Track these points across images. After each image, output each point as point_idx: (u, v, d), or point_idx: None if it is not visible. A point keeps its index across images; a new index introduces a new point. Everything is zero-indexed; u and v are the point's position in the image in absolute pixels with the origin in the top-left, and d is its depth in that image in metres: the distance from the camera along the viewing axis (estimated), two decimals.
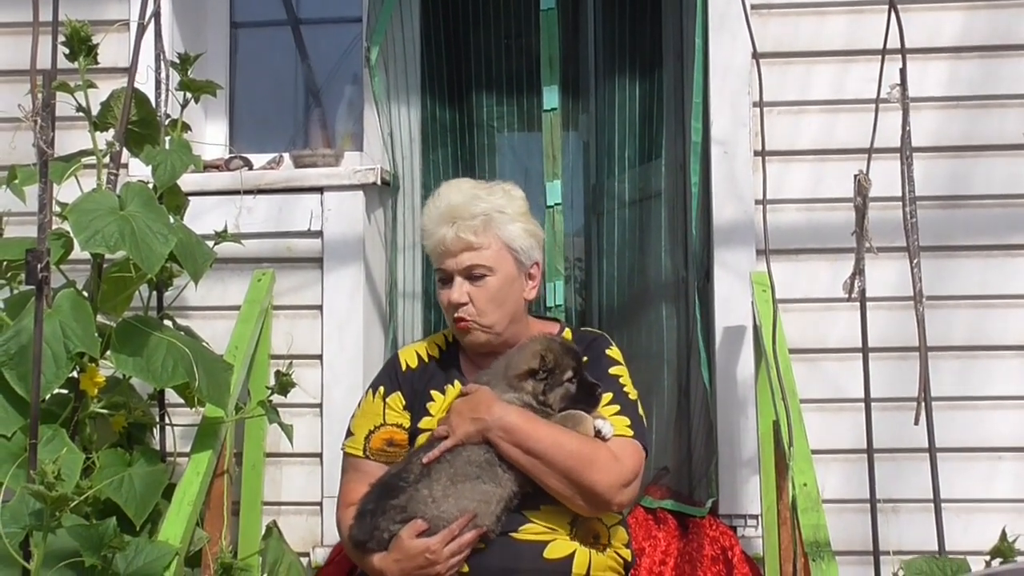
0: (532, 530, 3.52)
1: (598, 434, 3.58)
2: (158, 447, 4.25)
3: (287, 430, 4.26)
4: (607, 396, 3.70)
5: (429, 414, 3.76)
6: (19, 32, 4.10)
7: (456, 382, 3.82)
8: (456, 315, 3.78)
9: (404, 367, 3.92)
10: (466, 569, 3.50)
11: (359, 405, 3.95)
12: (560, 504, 3.55)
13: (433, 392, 3.82)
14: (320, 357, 5.06)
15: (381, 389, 3.88)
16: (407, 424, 3.80)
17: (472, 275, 3.75)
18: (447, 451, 3.54)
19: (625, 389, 3.77)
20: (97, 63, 3.93)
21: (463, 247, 3.74)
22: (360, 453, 3.81)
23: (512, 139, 5.74)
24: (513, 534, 3.51)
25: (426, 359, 3.95)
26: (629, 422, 3.66)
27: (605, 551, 3.60)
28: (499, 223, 3.78)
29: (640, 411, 3.75)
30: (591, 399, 3.65)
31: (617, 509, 3.62)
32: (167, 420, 4.31)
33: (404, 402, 3.83)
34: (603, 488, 3.49)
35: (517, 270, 3.82)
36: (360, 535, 3.59)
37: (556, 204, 5.01)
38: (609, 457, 3.53)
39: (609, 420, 3.63)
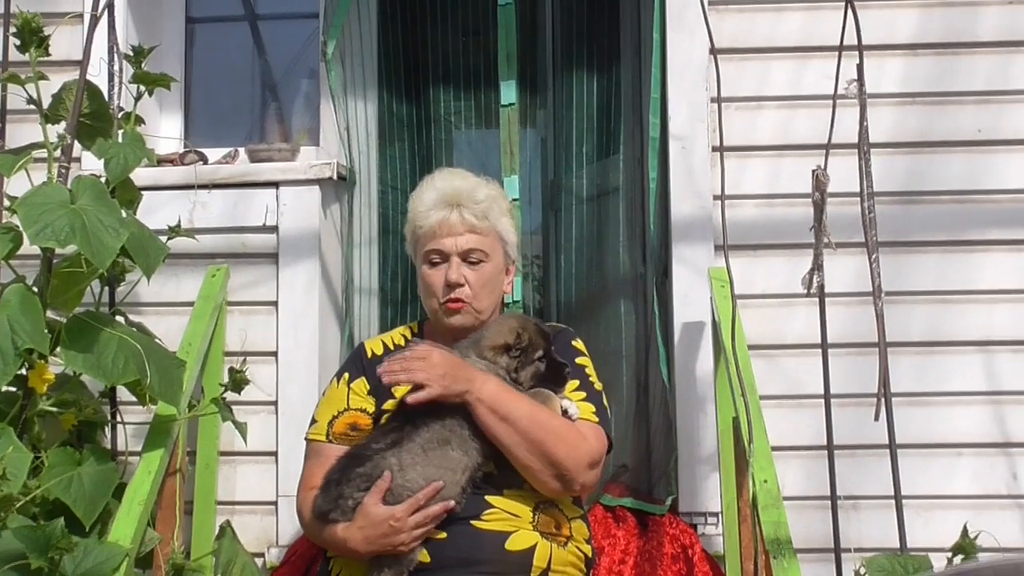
0: (494, 516, 3.51)
1: (565, 414, 3.61)
2: (109, 446, 4.19)
3: (241, 428, 4.21)
4: (574, 383, 3.73)
5: (393, 397, 3.71)
6: None
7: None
8: (452, 295, 3.78)
9: (370, 354, 3.92)
10: (427, 559, 3.48)
11: (323, 394, 3.95)
12: (524, 489, 3.56)
13: None
14: (275, 354, 5.01)
15: (346, 375, 3.88)
16: (371, 409, 3.77)
17: (470, 259, 3.79)
18: (428, 400, 3.49)
19: (591, 379, 3.81)
20: (49, 55, 3.89)
21: (467, 229, 3.79)
22: (323, 438, 3.78)
23: (470, 134, 5.71)
24: (475, 522, 3.49)
25: (392, 347, 3.93)
26: (594, 409, 3.70)
27: (566, 545, 3.58)
28: (496, 214, 3.86)
29: (605, 402, 3.77)
30: (559, 379, 3.68)
31: (579, 489, 3.63)
32: (119, 418, 4.25)
33: (368, 387, 3.81)
34: (571, 464, 3.51)
35: (503, 262, 3.90)
36: (324, 505, 3.56)
37: (514, 200, 4.97)
38: (577, 434, 3.57)
39: (576, 404, 3.65)
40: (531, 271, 5.71)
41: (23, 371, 3.70)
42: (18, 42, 3.85)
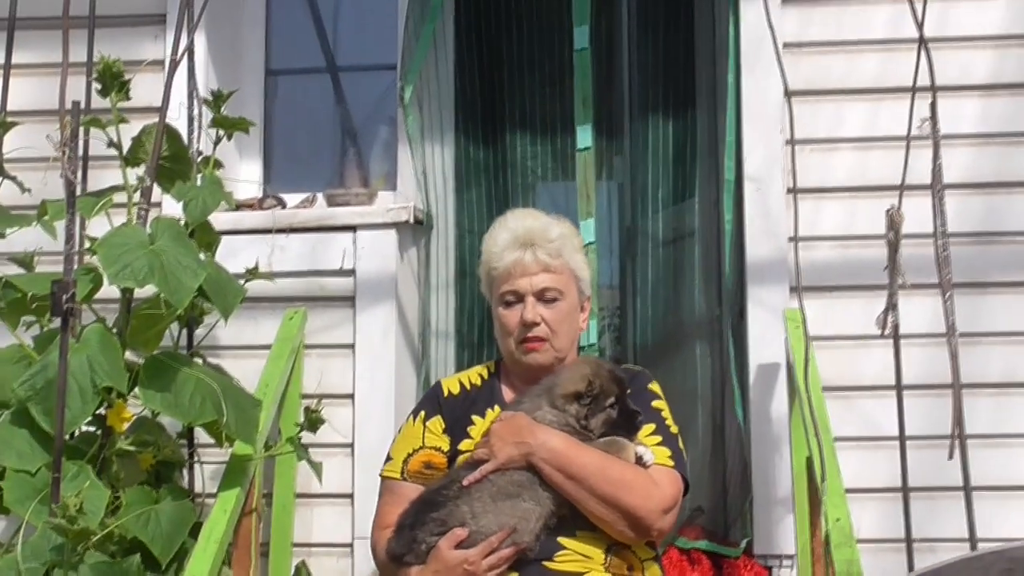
0: (567, 557, 3.48)
1: (639, 460, 3.56)
2: (187, 487, 4.24)
3: (316, 468, 4.24)
4: (649, 427, 3.68)
5: (469, 437, 3.74)
6: (56, 73, 4.14)
7: (497, 407, 3.79)
8: (529, 335, 3.76)
9: (446, 393, 3.92)
10: None
11: (399, 431, 3.95)
12: (597, 531, 3.52)
13: (474, 417, 3.80)
14: (352, 396, 5.04)
15: (422, 414, 3.87)
16: (446, 447, 3.77)
17: (545, 297, 3.77)
18: (488, 474, 3.51)
19: (667, 422, 3.76)
20: (129, 99, 3.96)
21: (541, 268, 3.77)
22: (397, 476, 3.79)
23: (546, 179, 5.72)
24: (547, 563, 3.47)
25: (468, 387, 3.93)
26: (670, 453, 3.65)
27: None
28: (569, 251, 3.84)
29: (681, 445, 3.72)
30: (631, 426, 3.63)
31: (657, 535, 3.59)
32: (196, 458, 4.30)
33: (444, 425, 3.81)
34: (644, 512, 3.47)
35: (578, 299, 3.87)
36: (398, 548, 3.56)
37: (590, 243, 4.99)
38: (649, 482, 3.52)
39: (651, 449, 3.61)
40: (608, 315, 5.71)
41: (102, 410, 3.76)
42: (99, 87, 3.92)
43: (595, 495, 3.45)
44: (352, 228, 5.11)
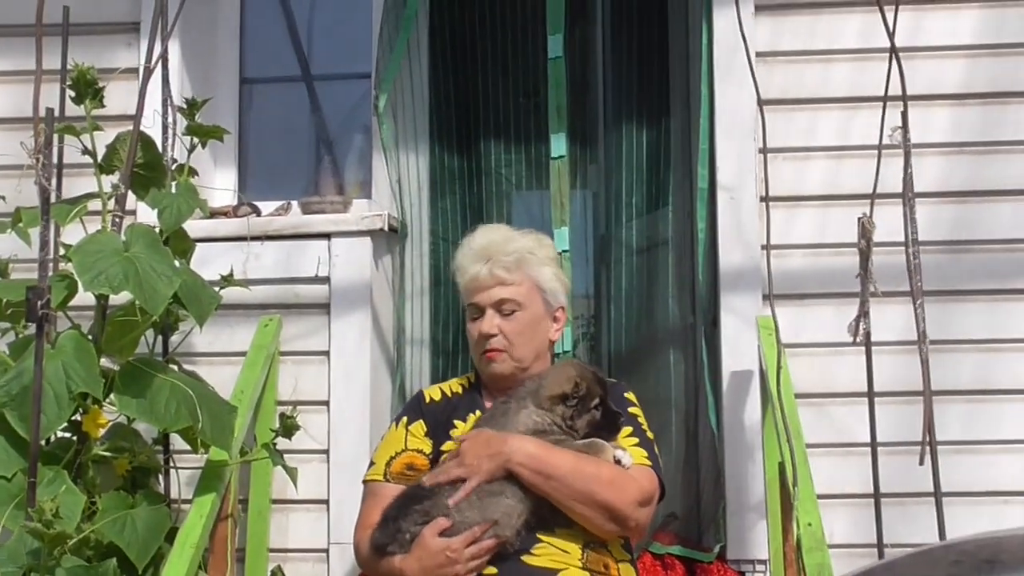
0: (544, 551, 3.54)
1: (617, 463, 3.64)
2: (163, 492, 4.24)
3: (291, 473, 4.27)
4: (627, 430, 3.79)
5: (451, 439, 3.82)
6: (30, 80, 4.13)
7: (478, 411, 3.88)
8: (487, 346, 3.89)
9: (428, 400, 4.03)
10: None
11: (382, 439, 4.04)
12: (574, 528, 3.59)
13: (456, 421, 3.90)
14: (327, 403, 5.04)
15: (404, 419, 3.97)
16: (428, 450, 3.86)
17: (502, 310, 3.90)
18: (473, 490, 3.56)
19: (643, 428, 3.86)
20: (103, 106, 3.97)
21: (496, 282, 3.89)
22: (380, 478, 3.86)
23: (520, 187, 5.73)
24: (525, 557, 3.53)
25: (449, 395, 4.04)
26: (646, 453, 3.75)
27: None
28: (530, 263, 3.94)
29: (656, 451, 3.82)
30: (614, 426, 3.73)
31: (634, 527, 3.66)
32: (172, 464, 4.31)
33: (426, 429, 3.91)
34: (621, 505, 3.55)
35: (544, 310, 3.97)
36: (382, 538, 3.61)
37: (564, 251, 5.02)
38: (624, 476, 3.61)
39: (628, 451, 3.69)
40: (583, 323, 5.73)
41: (78, 416, 3.76)
42: (73, 94, 3.93)
43: (573, 492, 3.53)
44: (327, 236, 5.11)
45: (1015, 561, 1.40)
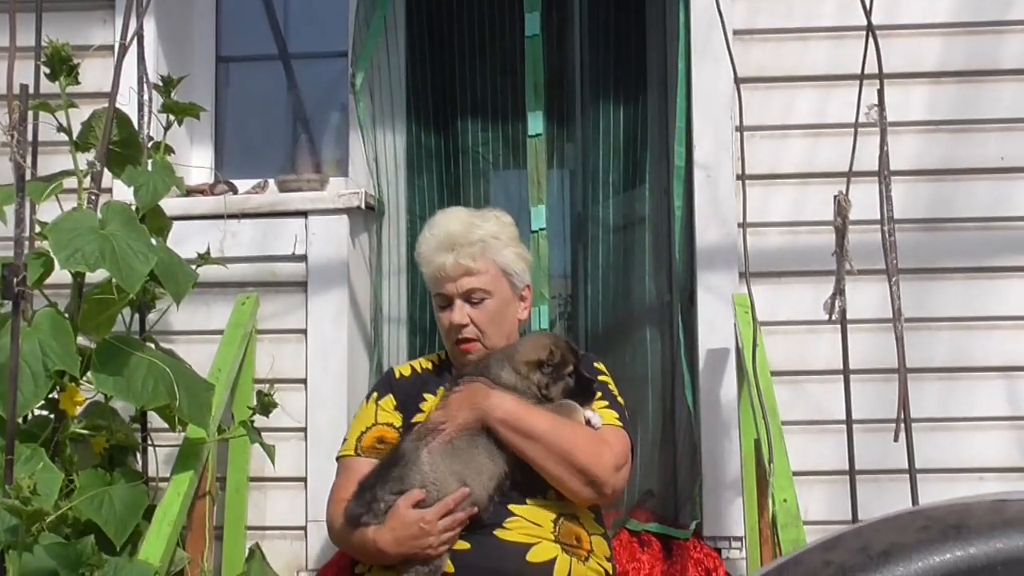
0: (516, 524, 3.58)
1: (588, 424, 3.70)
2: (140, 470, 4.24)
3: (269, 451, 4.26)
4: (596, 394, 3.84)
5: (421, 411, 3.87)
6: (3, 57, 4.09)
7: (449, 383, 3.90)
8: (459, 336, 3.92)
9: (398, 375, 4.08)
10: (451, 569, 3.55)
11: (355, 416, 4.08)
12: (546, 499, 3.65)
13: (426, 395, 3.94)
14: (304, 381, 5.05)
15: (374, 395, 4.02)
16: (398, 423, 3.90)
17: (471, 299, 3.91)
18: (449, 437, 3.61)
19: (614, 393, 3.93)
20: (78, 83, 3.94)
21: (462, 272, 3.90)
22: (352, 453, 3.89)
23: (497, 165, 5.73)
24: (498, 532, 3.57)
25: (419, 370, 4.09)
26: (617, 415, 3.81)
27: (587, 560, 3.64)
28: (495, 249, 3.95)
29: (626, 415, 3.88)
30: (588, 393, 3.79)
31: (610, 492, 3.70)
32: (149, 442, 4.30)
33: (396, 403, 3.95)
34: (599, 470, 3.60)
35: (512, 292, 3.99)
36: (357, 508, 3.63)
37: (541, 229, 5.03)
38: (600, 440, 3.67)
39: (599, 413, 3.75)
40: (559, 299, 5.73)
41: (55, 394, 3.75)
42: (48, 71, 3.91)
43: (550, 454, 3.58)
44: (304, 214, 5.11)
45: (982, 527, 1.41)
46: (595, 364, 4.01)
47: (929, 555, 1.38)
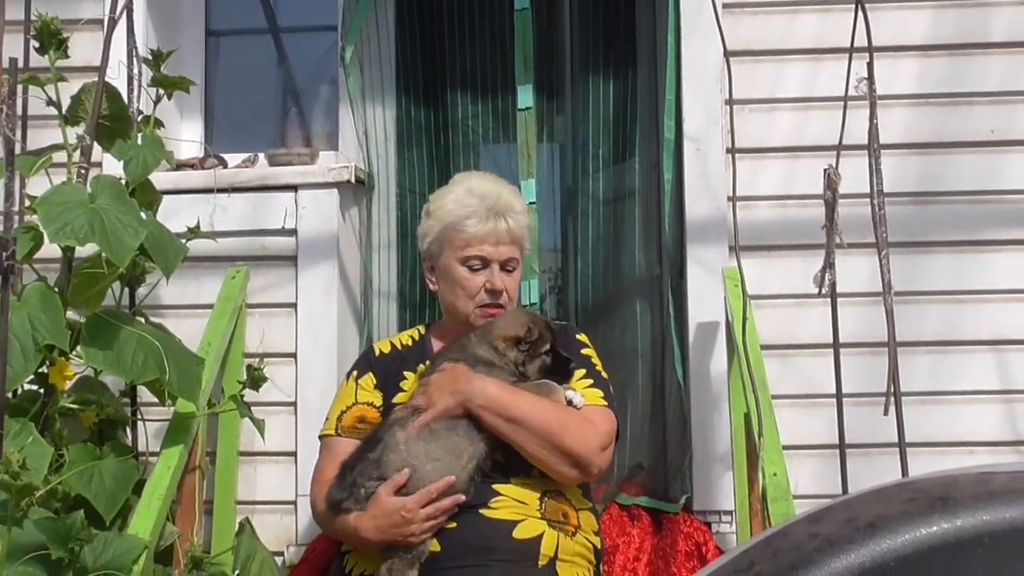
0: (502, 504, 3.57)
1: (569, 403, 3.67)
2: (130, 444, 4.24)
3: (258, 424, 4.26)
4: (580, 372, 3.82)
5: (402, 391, 3.87)
6: None
7: (428, 361, 3.89)
8: (494, 301, 3.90)
9: (378, 353, 4.06)
10: (438, 548, 3.54)
11: (336, 394, 4.06)
12: (531, 477, 3.63)
13: (406, 372, 3.93)
14: (294, 355, 5.05)
15: (354, 373, 4.00)
16: (378, 403, 3.89)
17: (507, 267, 3.93)
18: (428, 422, 3.59)
19: (597, 368, 3.90)
20: (67, 57, 3.92)
21: (511, 240, 3.92)
22: (333, 432, 3.89)
23: (487, 139, 5.72)
24: (483, 511, 3.55)
25: (399, 347, 4.07)
26: (601, 394, 3.79)
27: (574, 536, 3.63)
28: (525, 223, 3.99)
29: (611, 389, 3.87)
30: (565, 372, 3.77)
31: (595, 472, 3.69)
32: (139, 416, 4.30)
33: (376, 382, 3.94)
34: (583, 450, 3.59)
35: (522, 264, 4.03)
36: (338, 493, 3.64)
37: (531, 203, 5.01)
38: (584, 421, 3.65)
39: (581, 392, 3.73)
40: (549, 275, 5.73)
41: (44, 369, 3.75)
42: (37, 44, 3.90)
43: (534, 437, 3.56)
44: (294, 188, 5.10)
45: (968, 498, 1.42)
46: (578, 336, 4.02)
47: (915, 527, 1.39)
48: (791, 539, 1.46)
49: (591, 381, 3.82)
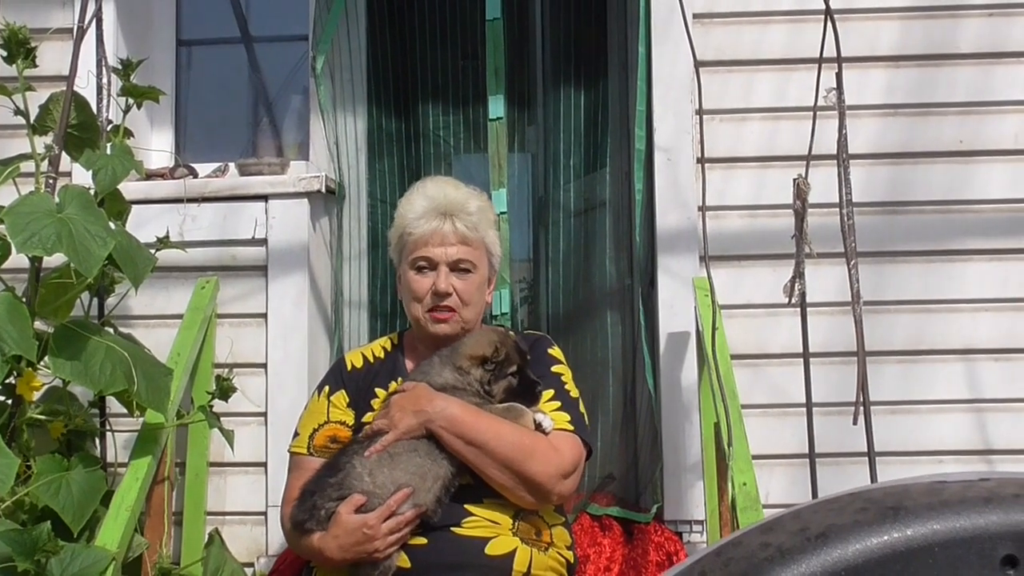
0: (474, 523, 3.53)
1: (538, 427, 3.61)
2: (99, 456, 4.22)
3: (227, 435, 4.25)
4: (548, 393, 3.74)
5: (372, 409, 3.79)
6: None
7: (400, 379, 3.83)
8: (440, 304, 3.81)
9: (349, 367, 3.96)
10: (407, 565, 3.49)
11: (306, 407, 3.98)
12: (503, 498, 3.56)
13: (377, 390, 3.85)
14: (265, 366, 5.04)
15: (326, 388, 3.91)
16: (350, 421, 3.82)
17: (459, 268, 3.82)
18: (390, 444, 3.55)
19: (567, 387, 3.81)
20: (36, 66, 3.92)
21: (459, 240, 3.81)
22: (304, 451, 3.82)
23: (458, 149, 5.73)
24: (455, 528, 3.51)
25: (371, 360, 3.98)
26: (569, 418, 3.69)
27: (547, 551, 3.60)
28: (485, 226, 3.89)
29: (581, 408, 3.77)
30: (532, 395, 3.68)
31: (557, 500, 3.64)
32: (108, 427, 4.29)
33: (348, 399, 3.86)
34: (543, 478, 3.51)
35: (488, 273, 3.93)
36: (300, 515, 3.59)
37: (502, 213, 5.02)
38: (548, 448, 3.57)
39: (549, 415, 3.65)
40: (521, 285, 5.74)
41: (11, 379, 3.74)
42: (5, 53, 3.89)
43: (495, 461, 3.50)
44: (264, 198, 5.10)
45: (919, 508, 1.42)
46: (550, 351, 3.91)
47: (867, 537, 1.39)
48: (742, 549, 1.46)
49: (559, 403, 3.73)
